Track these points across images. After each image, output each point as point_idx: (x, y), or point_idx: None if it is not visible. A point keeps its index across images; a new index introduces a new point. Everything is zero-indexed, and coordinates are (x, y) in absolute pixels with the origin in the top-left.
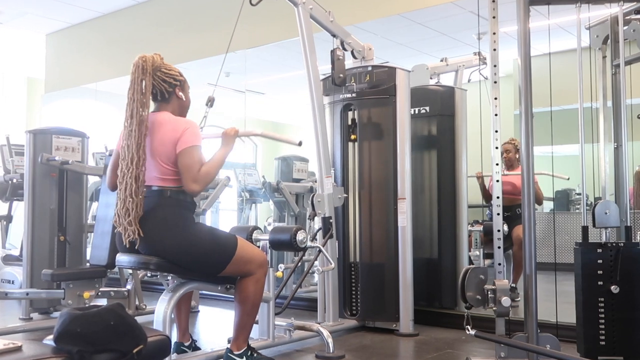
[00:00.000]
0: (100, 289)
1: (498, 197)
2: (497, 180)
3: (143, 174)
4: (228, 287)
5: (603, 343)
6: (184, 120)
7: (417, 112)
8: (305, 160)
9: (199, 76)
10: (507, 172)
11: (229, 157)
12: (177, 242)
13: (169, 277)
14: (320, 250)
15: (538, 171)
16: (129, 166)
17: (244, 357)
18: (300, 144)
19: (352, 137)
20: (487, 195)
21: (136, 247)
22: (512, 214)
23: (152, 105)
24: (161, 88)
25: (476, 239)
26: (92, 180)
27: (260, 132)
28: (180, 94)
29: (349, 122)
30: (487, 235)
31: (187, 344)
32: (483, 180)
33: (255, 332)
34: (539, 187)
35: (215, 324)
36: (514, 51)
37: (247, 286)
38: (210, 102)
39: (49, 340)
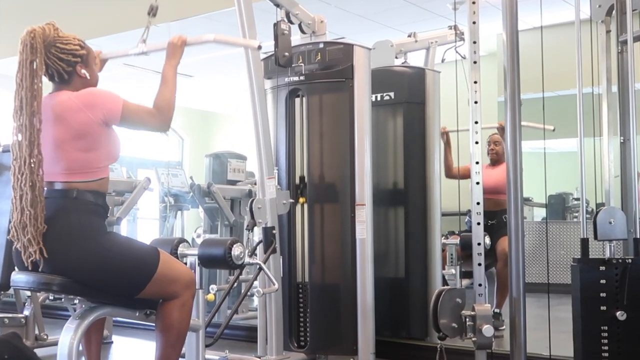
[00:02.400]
0: None
1: (478, 203)
2: (477, 183)
3: (41, 179)
4: (148, 312)
5: None
6: (83, 94)
7: (379, 98)
8: (242, 157)
9: None
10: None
11: (149, 155)
12: (85, 257)
13: (76, 301)
14: (260, 268)
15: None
16: (23, 170)
17: None
18: (259, 47)
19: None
20: (448, 165)
21: (38, 265)
22: (496, 222)
23: (49, 86)
24: (58, 68)
25: (452, 254)
26: None
27: (212, 37)
28: (84, 71)
29: (297, 141)
30: (465, 249)
31: None
32: (449, 139)
33: None
34: None
35: (132, 358)
36: (498, 24)
37: (171, 311)
38: (153, 10)
39: None
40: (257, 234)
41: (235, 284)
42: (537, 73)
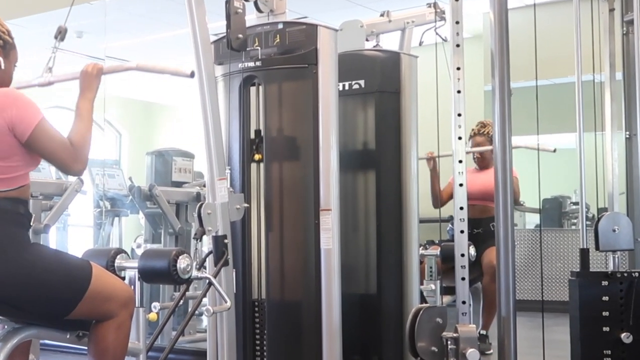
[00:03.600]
0: None
1: (462, 208)
2: (461, 184)
3: None
4: (80, 334)
5: None
6: (2, 93)
7: (347, 87)
8: (189, 155)
9: (39, 36)
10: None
11: None
12: (6, 271)
13: None
14: (210, 283)
15: (514, 144)
16: None
17: None
18: (192, 74)
19: (257, 157)
20: (436, 195)
21: None
22: (482, 231)
23: None
24: None
25: (431, 267)
26: None
27: (134, 64)
28: (0, 58)
29: (252, 136)
30: (447, 261)
31: None
32: (436, 165)
33: None
34: (517, 182)
35: None
36: (484, 1)
37: (105, 333)
38: (61, 33)
39: None
40: (206, 244)
41: (182, 302)
42: (529, 58)
